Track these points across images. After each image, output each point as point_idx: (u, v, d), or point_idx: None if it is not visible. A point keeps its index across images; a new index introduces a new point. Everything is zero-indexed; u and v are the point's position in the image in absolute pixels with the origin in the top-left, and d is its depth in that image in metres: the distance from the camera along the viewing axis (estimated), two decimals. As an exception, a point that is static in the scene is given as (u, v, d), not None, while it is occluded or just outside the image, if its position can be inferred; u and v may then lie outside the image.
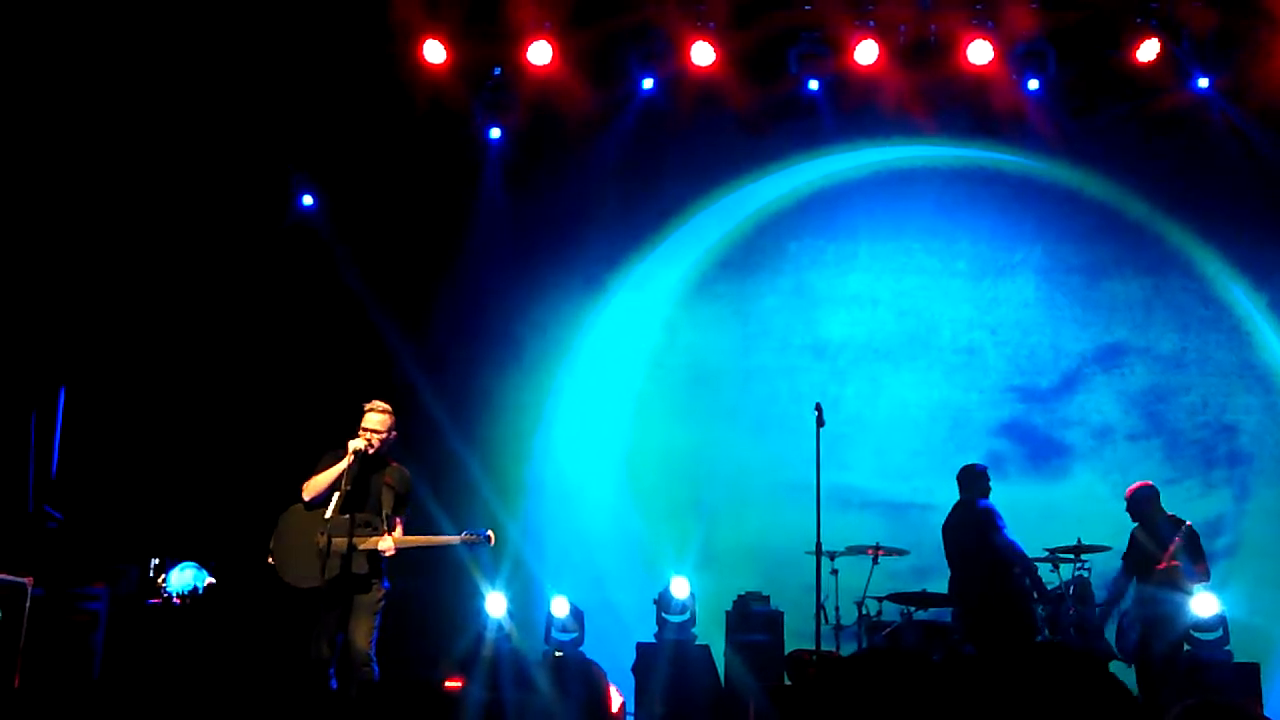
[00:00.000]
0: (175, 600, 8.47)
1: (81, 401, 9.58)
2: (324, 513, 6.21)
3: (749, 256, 11.22)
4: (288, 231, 10.51)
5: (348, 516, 6.22)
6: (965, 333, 10.99)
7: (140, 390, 9.89)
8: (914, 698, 4.34)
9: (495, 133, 10.80)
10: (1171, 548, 7.93)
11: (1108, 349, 10.84)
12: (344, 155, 10.51)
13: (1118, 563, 8.55)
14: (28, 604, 7.59)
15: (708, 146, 11.09)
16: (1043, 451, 10.71)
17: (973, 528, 8.34)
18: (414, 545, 6.55)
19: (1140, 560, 8.14)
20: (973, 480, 8.53)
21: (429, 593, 9.59)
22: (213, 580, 8.67)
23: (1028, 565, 8.20)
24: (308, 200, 10.69)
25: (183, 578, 8.63)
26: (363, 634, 6.36)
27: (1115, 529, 8.78)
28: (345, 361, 10.17)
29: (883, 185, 11.11)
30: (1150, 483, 8.50)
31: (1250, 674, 8.74)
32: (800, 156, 11.14)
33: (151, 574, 8.63)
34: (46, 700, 7.41)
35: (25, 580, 7.62)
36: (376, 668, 6.35)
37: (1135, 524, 8.32)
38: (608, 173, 10.99)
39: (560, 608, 9.48)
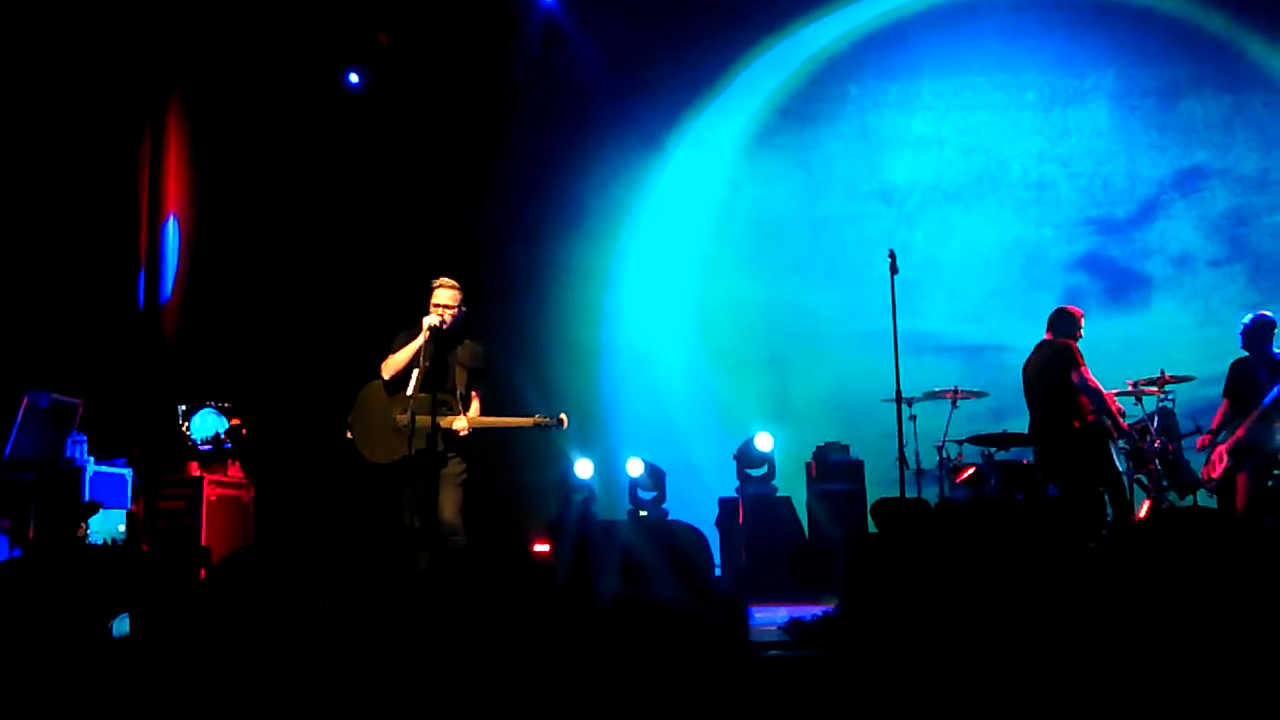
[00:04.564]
0: (200, 446, 8.46)
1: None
2: (405, 391, 6.28)
3: (808, 104, 10.93)
4: (336, 108, 10.40)
5: (427, 395, 6.28)
6: (1036, 167, 10.67)
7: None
8: (999, 540, 4.34)
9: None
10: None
11: (1186, 173, 10.46)
12: (389, 29, 10.32)
13: (1202, 392, 8.39)
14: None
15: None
16: (1121, 283, 10.47)
17: (1050, 366, 8.17)
18: (488, 426, 6.61)
19: (1236, 393, 7.93)
20: (1062, 320, 8.19)
21: (511, 461, 9.75)
22: (238, 421, 8.64)
23: (1103, 404, 8.02)
24: (354, 78, 10.54)
25: (204, 424, 8.61)
26: (450, 505, 6.46)
27: (1198, 358, 8.66)
28: (402, 238, 10.16)
29: (944, 17, 10.68)
30: (1267, 314, 7.94)
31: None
32: (855, -8, 10.76)
33: (180, 421, 8.54)
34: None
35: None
36: (465, 536, 6.49)
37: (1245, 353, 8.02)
38: (658, 28, 10.69)
39: (635, 468, 9.61)
